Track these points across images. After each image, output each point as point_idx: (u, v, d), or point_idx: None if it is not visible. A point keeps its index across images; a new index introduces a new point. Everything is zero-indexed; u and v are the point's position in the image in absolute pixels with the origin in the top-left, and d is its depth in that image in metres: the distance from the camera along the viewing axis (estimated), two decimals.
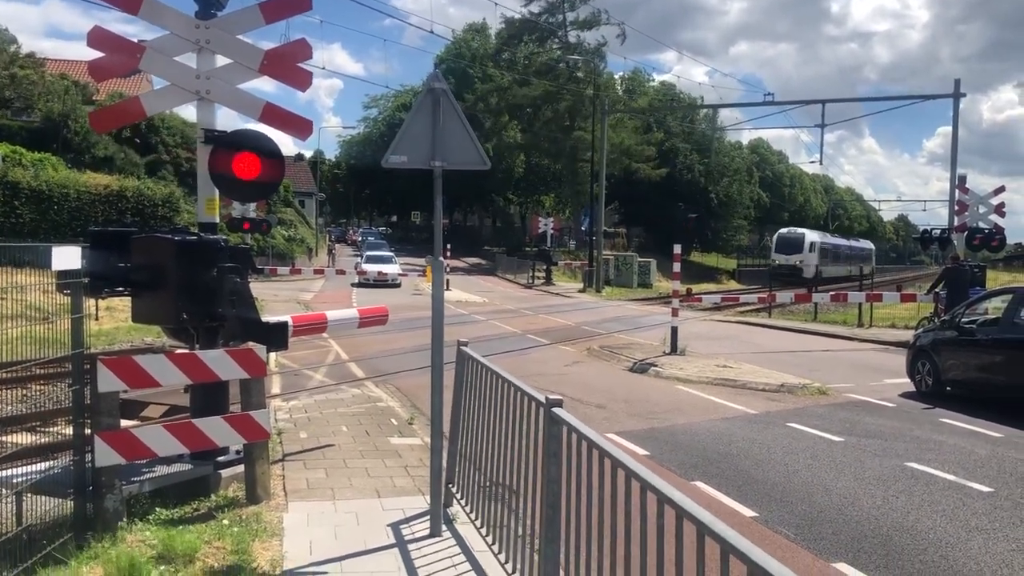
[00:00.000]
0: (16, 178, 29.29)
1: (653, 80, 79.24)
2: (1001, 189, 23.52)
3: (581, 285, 43.25)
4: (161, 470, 6.28)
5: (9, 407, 9.60)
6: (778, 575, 2.24)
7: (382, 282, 37.75)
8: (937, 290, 19.40)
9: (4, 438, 7.14)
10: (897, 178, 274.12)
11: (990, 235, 22.02)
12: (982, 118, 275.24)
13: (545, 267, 45.92)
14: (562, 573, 4.06)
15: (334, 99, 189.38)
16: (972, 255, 21.68)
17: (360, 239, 70.73)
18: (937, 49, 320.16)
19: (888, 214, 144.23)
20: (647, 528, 3.23)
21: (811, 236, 63.27)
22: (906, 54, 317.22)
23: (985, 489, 7.41)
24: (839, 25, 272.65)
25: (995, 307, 13.95)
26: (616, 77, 72.44)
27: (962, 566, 5.63)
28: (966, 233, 22.10)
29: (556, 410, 4.14)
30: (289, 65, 7.00)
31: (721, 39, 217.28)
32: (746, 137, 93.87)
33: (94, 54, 6.74)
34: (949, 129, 32.34)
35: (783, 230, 66.21)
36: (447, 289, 29.25)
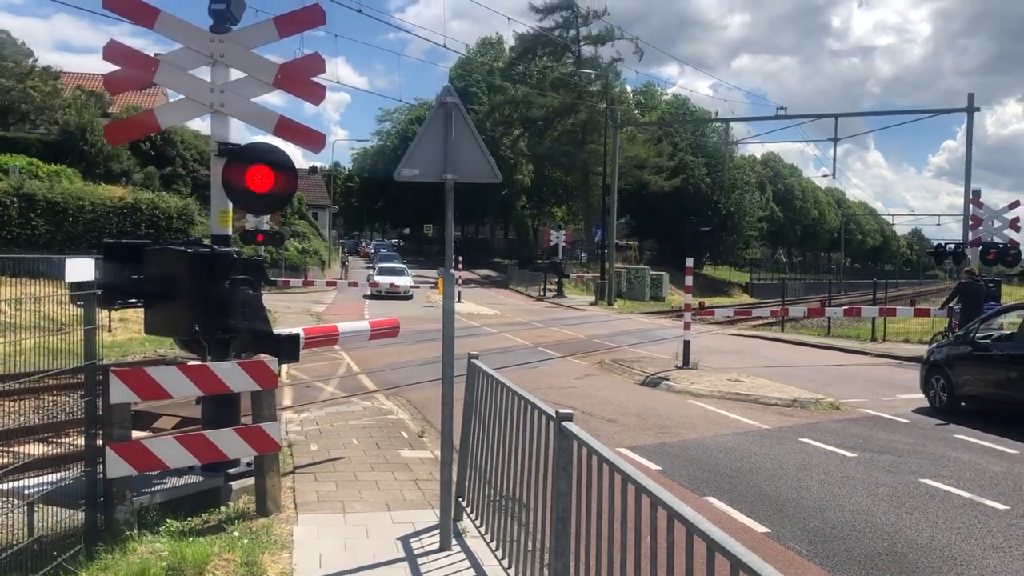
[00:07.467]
0: (32, 190, 29.53)
1: (667, 94, 79.50)
2: (1016, 204, 23.44)
3: (593, 298, 43.20)
4: (172, 481, 6.31)
5: (23, 417, 9.65)
6: None
7: (394, 294, 37.87)
8: (951, 305, 19.27)
9: (17, 449, 7.17)
10: (906, 192, 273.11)
11: (1005, 250, 21.92)
12: (987, 133, 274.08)
13: (557, 280, 45.90)
14: None
15: (340, 113, 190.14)
16: (987, 270, 21.55)
17: (373, 251, 71.06)
18: (940, 63, 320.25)
19: (901, 228, 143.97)
20: (657, 544, 3.21)
21: None
22: (909, 68, 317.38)
23: (1001, 507, 7.33)
24: (840, 39, 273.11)
25: (1010, 322, 13.86)
26: (629, 90, 72.67)
27: None
28: (980, 247, 22.00)
29: (566, 424, 4.13)
30: (303, 79, 7.05)
31: (723, 53, 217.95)
32: (755, 151, 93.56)
33: (109, 67, 6.81)
34: (954, 143, 32.61)
35: None
36: (458, 301, 29.35)
